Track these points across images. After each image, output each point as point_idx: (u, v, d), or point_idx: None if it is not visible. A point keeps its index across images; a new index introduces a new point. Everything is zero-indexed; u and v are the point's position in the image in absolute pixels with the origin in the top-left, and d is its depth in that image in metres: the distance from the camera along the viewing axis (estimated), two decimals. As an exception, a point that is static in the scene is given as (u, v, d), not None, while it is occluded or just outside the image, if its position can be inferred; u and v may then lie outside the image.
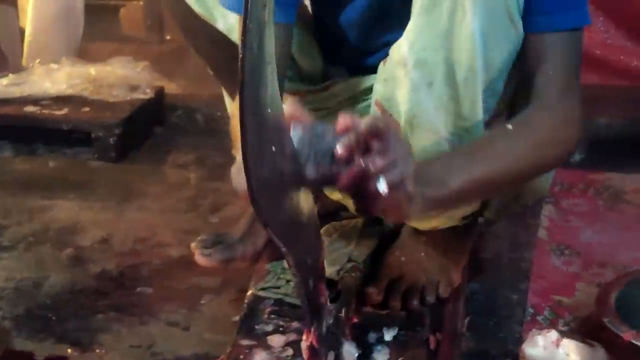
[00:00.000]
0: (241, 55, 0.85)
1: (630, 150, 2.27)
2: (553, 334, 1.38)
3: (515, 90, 1.39)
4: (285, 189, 0.98)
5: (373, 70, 1.46)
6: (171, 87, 2.75)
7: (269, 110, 0.92)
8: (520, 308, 1.65)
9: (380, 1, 1.43)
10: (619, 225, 1.98)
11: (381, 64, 1.40)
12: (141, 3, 3.61)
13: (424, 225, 1.55)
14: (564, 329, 1.57)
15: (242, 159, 0.88)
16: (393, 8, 1.42)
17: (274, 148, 0.93)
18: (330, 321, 1.27)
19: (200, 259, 1.60)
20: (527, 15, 1.30)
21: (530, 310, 1.64)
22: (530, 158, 1.30)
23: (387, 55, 1.37)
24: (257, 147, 0.89)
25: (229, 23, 1.46)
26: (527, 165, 1.31)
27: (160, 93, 2.65)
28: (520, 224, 1.94)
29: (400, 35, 1.34)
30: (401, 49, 1.31)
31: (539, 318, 1.62)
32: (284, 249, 0.99)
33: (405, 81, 1.31)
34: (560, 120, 1.32)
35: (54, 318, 1.69)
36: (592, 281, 1.74)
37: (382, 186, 1.02)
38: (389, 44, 1.38)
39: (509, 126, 1.29)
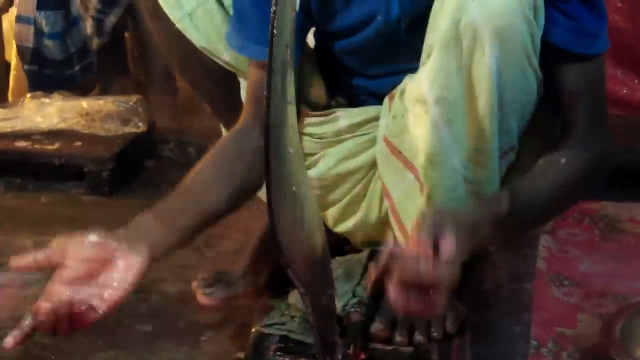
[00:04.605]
0: (266, 97, 0.85)
1: (623, 178, 2.27)
2: (559, 367, 1.38)
3: (524, 129, 1.41)
4: (305, 229, 0.98)
5: (375, 96, 1.47)
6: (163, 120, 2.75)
7: (290, 150, 0.92)
8: (523, 340, 1.64)
9: (386, 33, 1.43)
10: (616, 255, 1.99)
11: (386, 98, 1.41)
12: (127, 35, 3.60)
13: None
14: (568, 361, 1.56)
15: (267, 200, 0.87)
16: (399, 39, 1.43)
17: (294, 188, 0.93)
18: (340, 358, 1.26)
19: (202, 298, 1.61)
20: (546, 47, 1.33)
21: (534, 342, 1.63)
22: (560, 195, 1.40)
23: (392, 88, 1.38)
24: (280, 187, 0.89)
25: (235, 54, 1.47)
26: (556, 202, 1.42)
27: (152, 126, 2.63)
28: (518, 254, 1.93)
29: (405, 64, 1.35)
30: (420, 86, 1.32)
31: (543, 350, 1.61)
32: (302, 290, 0.99)
33: (425, 119, 1.32)
34: (591, 158, 1.40)
35: (52, 357, 1.66)
36: (594, 312, 1.73)
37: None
38: (392, 72, 1.39)
39: (541, 162, 1.37)
